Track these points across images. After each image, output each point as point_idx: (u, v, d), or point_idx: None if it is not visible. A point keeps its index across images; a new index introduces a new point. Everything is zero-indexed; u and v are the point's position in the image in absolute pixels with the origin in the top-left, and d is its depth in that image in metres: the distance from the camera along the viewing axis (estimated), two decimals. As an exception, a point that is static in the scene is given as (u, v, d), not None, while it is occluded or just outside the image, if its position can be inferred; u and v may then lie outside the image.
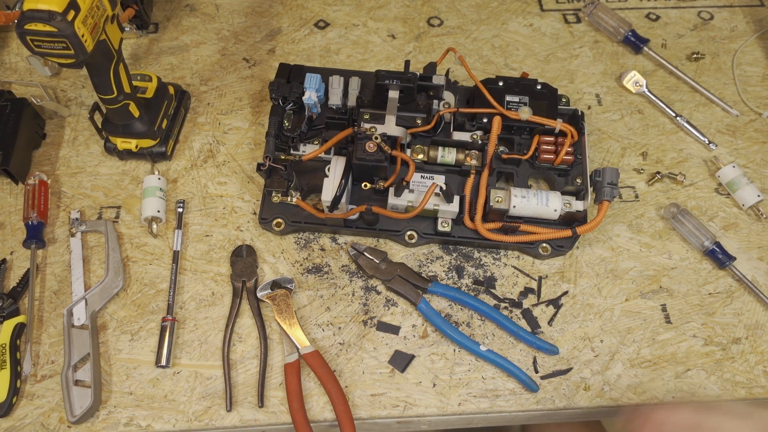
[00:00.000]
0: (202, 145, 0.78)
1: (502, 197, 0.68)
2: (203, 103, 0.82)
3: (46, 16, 0.54)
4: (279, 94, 0.72)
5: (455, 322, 0.67)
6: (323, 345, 0.65)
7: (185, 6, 0.92)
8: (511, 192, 0.67)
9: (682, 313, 0.68)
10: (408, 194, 0.68)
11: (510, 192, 0.67)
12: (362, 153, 0.66)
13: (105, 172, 0.76)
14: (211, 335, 0.65)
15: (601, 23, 0.90)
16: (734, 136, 0.81)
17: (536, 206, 0.67)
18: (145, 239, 0.71)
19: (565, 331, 0.67)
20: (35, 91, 0.81)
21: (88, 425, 0.60)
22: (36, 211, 0.69)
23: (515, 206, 0.67)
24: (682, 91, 0.85)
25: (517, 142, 0.73)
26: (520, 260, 0.71)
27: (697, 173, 0.78)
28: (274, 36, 0.89)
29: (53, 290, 0.67)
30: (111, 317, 0.66)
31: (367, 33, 0.90)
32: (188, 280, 0.69)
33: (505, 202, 0.67)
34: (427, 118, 0.71)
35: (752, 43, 0.90)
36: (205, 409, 0.61)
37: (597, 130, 0.81)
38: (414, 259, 0.71)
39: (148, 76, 0.75)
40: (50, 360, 0.63)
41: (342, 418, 0.60)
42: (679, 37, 0.91)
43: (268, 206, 0.71)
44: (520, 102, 0.73)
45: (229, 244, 0.71)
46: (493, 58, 0.88)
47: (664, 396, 0.63)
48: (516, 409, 0.62)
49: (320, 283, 0.69)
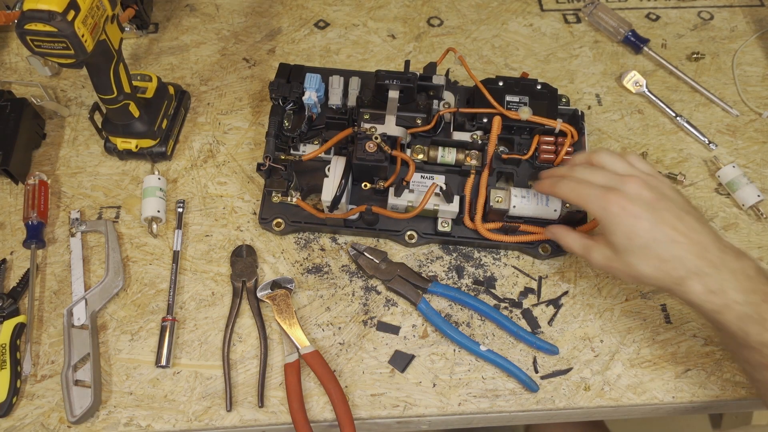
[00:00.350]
0: (202, 145, 0.78)
1: (502, 197, 0.68)
2: (203, 103, 0.82)
3: (46, 16, 0.54)
4: (279, 94, 0.72)
5: (455, 322, 0.67)
6: (323, 345, 0.65)
7: (185, 6, 0.92)
8: (511, 192, 0.67)
9: (682, 313, 0.68)
10: (408, 194, 0.68)
11: (510, 192, 0.67)
12: (362, 153, 0.66)
13: (105, 172, 0.76)
14: (211, 335, 0.65)
15: (601, 23, 0.90)
16: (734, 136, 0.81)
17: (536, 206, 0.67)
18: (145, 239, 0.71)
19: (565, 331, 0.67)
20: (35, 91, 0.81)
21: (88, 425, 0.60)
22: (36, 211, 0.69)
23: (515, 206, 0.67)
24: (682, 91, 0.85)
25: (517, 142, 0.73)
26: (520, 260, 0.71)
27: (697, 173, 0.78)
28: (274, 36, 0.89)
29: (53, 290, 0.67)
30: (111, 317, 0.66)
31: (367, 33, 0.90)
32: (188, 280, 0.69)
33: (505, 202, 0.67)
34: (427, 118, 0.71)
35: (752, 43, 0.90)
36: (205, 409, 0.61)
37: (597, 130, 0.81)
38: (414, 259, 0.71)
39: (148, 76, 0.75)
40: (50, 360, 0.63)
41: (342, 418, 0.60)
42: (679, 37, 0.91)
43: (268, 206, 0.71)
44: (520, 102, 0.73)
45: (229, 244, 0.71)
46: (493, 58, 0.88)
47: (664, 396, 0.63)
48: (516, 409, 0.62)
49: (320, 283, 0.69)
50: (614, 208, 0.54)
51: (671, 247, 0.53)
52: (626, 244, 0.54)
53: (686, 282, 0.53)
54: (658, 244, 0.53)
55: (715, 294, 0.52)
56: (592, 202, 0.56)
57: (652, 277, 0.54)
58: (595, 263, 0.58)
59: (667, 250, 0.53)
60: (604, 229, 0.56)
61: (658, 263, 0.53)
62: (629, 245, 0.54)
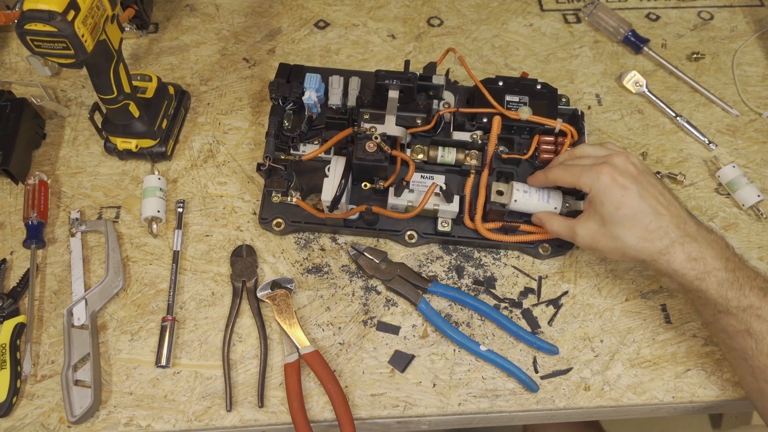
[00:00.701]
0: (202, 145, 0.78)
1: (504, 190, 0.67)
2: (203, 103, 0.82)
3: (46, 16, 0.54)
4: (279, 94, 0.72)
5: (455, 322, 0.67)
6: (323, 345, 0.65)
7: (185, 6, 0.92)
8: (513, 186, 0.67)
9: (682, 313, 0.68)
10: (408, 194, 0.68)
11: (512, 186, 0.67)
12: (362, 153, 0.66)
13: (105, 172, 0.76)
14: (211, 335, 0.65)
15: (601, 23, 0.90)
16: (734, 136, 0.81)
17: (537, 202, 0.66)
18: (145, 239, 0.71)
19: (565, 331, 0.67)
20: (35, 91, 0.81)
21: (88, 425, 0.60)
22: (36, 211, 0.69)
23: (516, 200, 0.66)
24: (682, 91, 0.85)
25: (517, 142, 0.73)
26: (520, 260, 0.71)
27: (697, 173, 0.78)
28: (274, 36, 0.89)
29: (53, 290, 0.67)
30: (111, 317, 0.66)
31: (367, 33, 0.90)
32: (188, 280, 0.69)
33: (507, 196, 0.67)
34: (427, 118, 0.71)
35: (752, 43, 0.90)
36: (205, 409, 0.61)
37: (597, 130, 0.81)
38: (414, 259, 0.71)
39: (148, 76, 0.75)
40: (50, 360, 0.63)
41: (342, 418, 0.60)
42: (679, 37, 0.91)
43: (268, 206, 0.71)
44: (520, 102, 0.73)
45: (229, 244, 0.71)
46: (493, 58, 0.88)
47: (664, 396, 0.63)
48: (516, 409, 0.62)
49: (320, 283, 0.69)
50: (605, 179, 0.58)
51: (656, 218, 0.57)
52: (614, 214, 0.58)
53: (670, 250, 0.56)
54: (645, 215, 0.57)
55: (696, 261, 0.56)
56: (584, 174, 0.59)
57: (637, 248, 0.57)
58: (581, 240, 0.61)
59: (652, 221, 0.57)
60: (594, 199, 0.59)
61: (644, 233, 0.57)
62: (617, 215, 0.57)
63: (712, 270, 0.56)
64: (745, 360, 0.56)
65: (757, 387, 0.56)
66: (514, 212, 0.68)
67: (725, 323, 0.57)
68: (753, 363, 0.56)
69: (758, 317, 0.55)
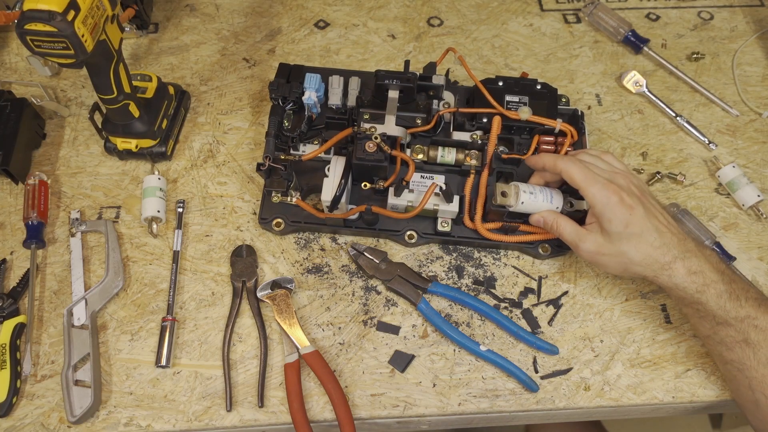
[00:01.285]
0: (202, 145, 0.78)
1: (508, 191, 0.66)
2: (203, 103, 0.82)
3: (46, 16, 0.54)
4: (279, 94, 0.72)
5: (455, 322, 0.67)
6: (323, 345, 0.65)
7: (185, 6, 0.92)
8: (518, 188, 0.65)
9: (682, 313, 0.68)
10: (408, 194, 0.68)
11: (518, 188, 0.65)
12: (362, 153, 0.66)
13: (105, 172, 0.76)
14: (211, 335, 0.65)
15: (601, 23, 0.90)
16: (734, 136, 0.81)
17: (542, 203, 0.65)
18: (145, 239, 0.71)
19: (565, 331, 0.67)
20: (35, 91, 0.81)
21: (88, 425, 0.60)
22: (36, 211, 0.69)
23: (524, 202, 0.65)
24: (682, 91, 0.85)
25: (517, 142, 0.73)
26: (520, 260, 0.71)
27: (697, 173, 0.78)
28: (274, 36, 0.89)
29: (53, 290, 0.67)
30: (111, 317, 0.66)
31: (367, 33, 0.90)
32: (188, 280, 0.69)
33: (512, 197, 0.66)
34: (426, 118, 0.71)
35: (752, 43, 0.90)
36: (205, 409, 0.61)
37: (597, 130, 0.81)
38: (414, 259, 0.71)
39: (148, 76, 0.75)
40: (50, 360, 0.63)
41: (342, 418, 0.60)
42: (679, 37, 0.91)
43: (268, 206, 0.71)
44: (519, 102, 0.73)
45: (229, 244, 0.71)
46: (493, 58, 0.88)
47: (664, 396, 0.63)
48: (516, 409, 0.62)
49: (320, 283, 0.69)
50: (615, 198, 0.60)
51: (660, 236, 0.59)
52: (622, 232, 0.60)
53: (672, 266, 0.59)
54: (650, 233, 0.59)
55: (696, 275, 0.58)
56: (598, 189, 0.60)
57: (641, 263, 0.60)
58: (584, 251, 0.63)
59: (657, 238, 0.59)
60: (602, 216, 0.60)
61: (649, 250, 0.59)
62: (624, 233, 0.60)
63: (711, 282, 0.58)
64: (742, 371, 0.58)
65: (753, 399, 0.57)
66: (514, 212, 0.68)
67: (724, 334, 0.58)
68: (750, 374, 0.57)
69: (755, 327, 0.57)
